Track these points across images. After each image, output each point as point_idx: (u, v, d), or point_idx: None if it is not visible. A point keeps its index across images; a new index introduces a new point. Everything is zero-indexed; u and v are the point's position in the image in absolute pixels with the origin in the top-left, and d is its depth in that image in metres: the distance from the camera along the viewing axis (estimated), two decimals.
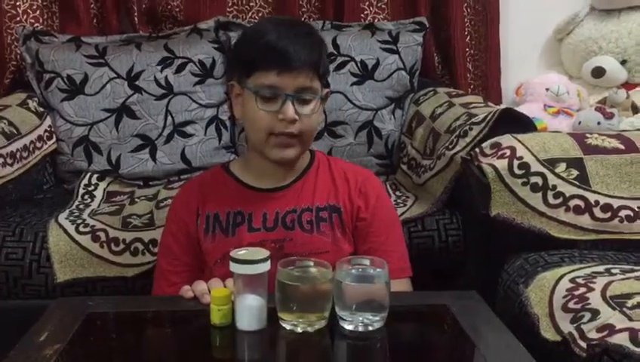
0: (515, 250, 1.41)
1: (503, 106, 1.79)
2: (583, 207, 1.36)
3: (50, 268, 1.56)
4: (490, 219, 1.43)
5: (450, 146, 1.64)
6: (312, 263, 0.99)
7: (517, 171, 1.37)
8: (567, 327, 1.06)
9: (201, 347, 0.93)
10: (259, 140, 1.23)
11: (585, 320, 1.05)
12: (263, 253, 0.96)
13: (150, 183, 2.04)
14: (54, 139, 2.02)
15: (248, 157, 1.35)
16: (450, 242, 1.64)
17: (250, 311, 0.96)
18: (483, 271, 1.55)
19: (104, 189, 2.00)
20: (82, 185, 1.98)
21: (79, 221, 1.64)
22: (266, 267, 0.95)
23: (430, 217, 1.67)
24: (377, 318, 0.96)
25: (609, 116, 1.97)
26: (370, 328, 0.96)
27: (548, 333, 1.09)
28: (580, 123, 2.02)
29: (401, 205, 1.72)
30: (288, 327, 0.95)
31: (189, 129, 2.06)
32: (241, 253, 0.96)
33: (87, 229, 1.61)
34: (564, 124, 2.08)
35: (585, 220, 1.36)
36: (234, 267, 0.94)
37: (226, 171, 1.34)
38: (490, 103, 1.94)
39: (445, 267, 1.63)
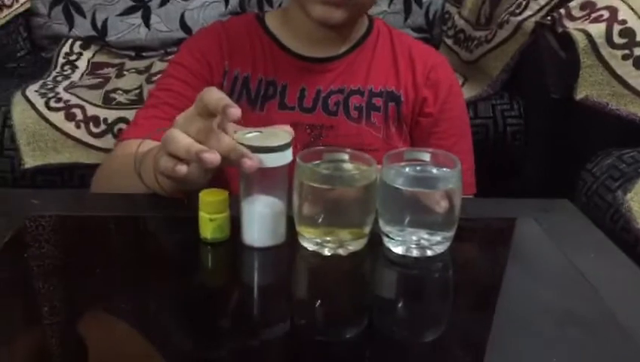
0: (600, 146, 1.10)
1: None
2: None
3: (17, 150, 1.28)
4: (567, 106, 1.11)
5: (518, 11, 1.29)
6: (346, 156, 0.68)
7: (617, 40, 1.03)
8: None
9: (182, 273, 0.65)
10: None
11: None
12: (283, 135, 0.65)
13: (143, 54, 1.73)
14: None
15: (288, 11, 1.01)
16: (508, 133, 1.34)
17: (261, 221, 0.66)
18: (550, 171, 1.24)
19: (89, 60, 1.69)
20: (62, 53, 1.68)
21: (51, 95, 1.34)
22: (286, 158, 0.64)
23: (485, 101, 1.36)
24: (439, 238, 0.66)
25: None
26: (430, 252, 0.66)
27: None
28: None
29: None
30: (311, 248, 0.66)
31: None
32: (249, 135, 0.65)
33: (60, 105, 1.31)
34: None
35: None
36: None
37: (261, 24, 1.01)
38: None
39: (501, 164, 1.33)
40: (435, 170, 0.67)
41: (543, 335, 0.56)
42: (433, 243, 0.66)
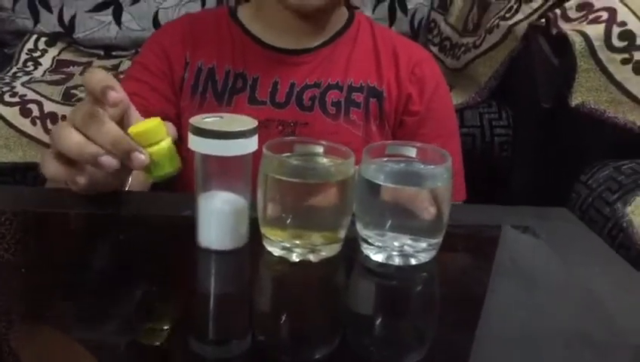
0: (595, 157, 1.03)
1: None
2: None
3: None
4: (558, 116, 1.03)
5: (508, 15, 1.22)
6: (320, 149, 0.60)
7: (616, 43, 0.97)
8: None
9: (125, 279, 0.55)
10: None
11: None
12: (247, 121, 0.56)
13: (113, 53, 1.63)
14: None
15: (259, 3, 0.94)
16: (496, 143, 1.26)
17: (220, 219, 0.57)
18: (539, 184, 1.17)
19: (54, 57, 1.59)
20: (26, 49, 1.58)
21: (6, 88, 1.24)
22: (250, 146, 0.55)
23: (472, 110, 1.28)
24: (424, 245, 0.58)
25: None
26: (414, 261, 0.58)
27: None
28: None
29: None
30: (277, 252, 0.57)
31: None
32: (209, 120, 0.56)
33: (15, 100, 1.21)
34: None
35: None
36: (195, 143, 0.55)
37: (232, 17, 0.94)
38: None
39: (487, 175, 1.25)
40: (421, 166, 0.59)
41: (544, 359, 0.47)
42: (418, 250, 0.58)
